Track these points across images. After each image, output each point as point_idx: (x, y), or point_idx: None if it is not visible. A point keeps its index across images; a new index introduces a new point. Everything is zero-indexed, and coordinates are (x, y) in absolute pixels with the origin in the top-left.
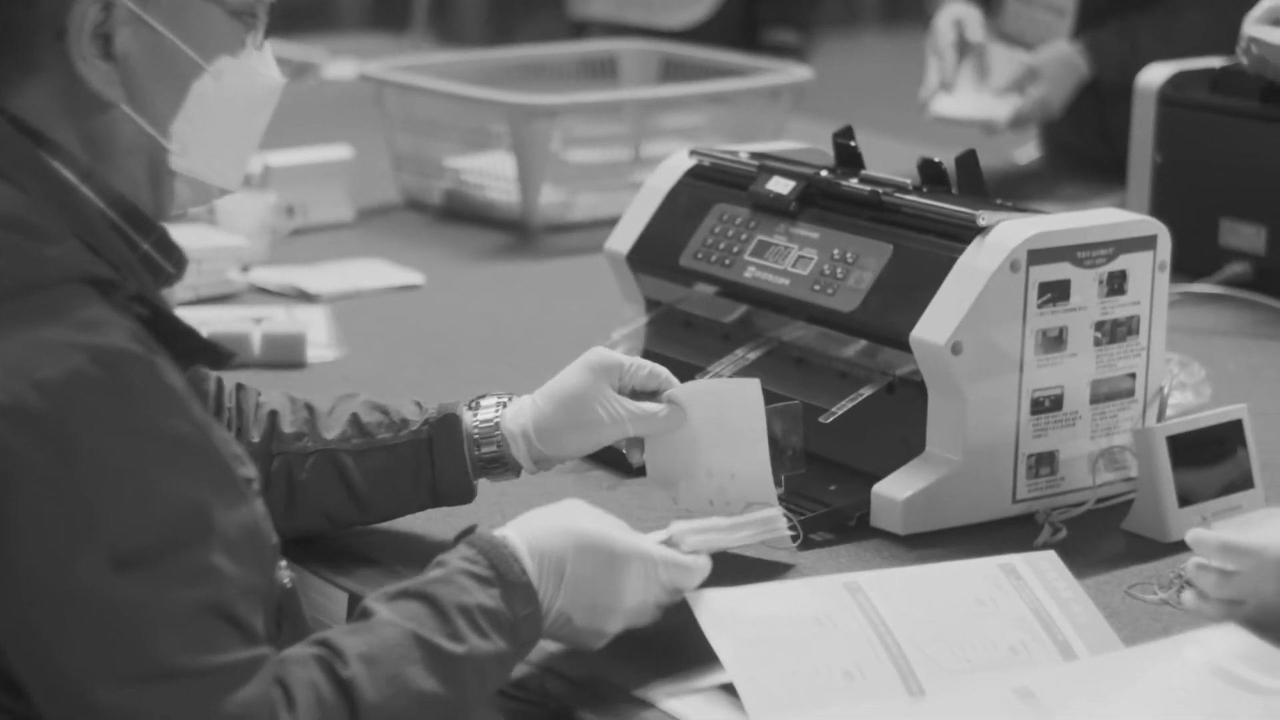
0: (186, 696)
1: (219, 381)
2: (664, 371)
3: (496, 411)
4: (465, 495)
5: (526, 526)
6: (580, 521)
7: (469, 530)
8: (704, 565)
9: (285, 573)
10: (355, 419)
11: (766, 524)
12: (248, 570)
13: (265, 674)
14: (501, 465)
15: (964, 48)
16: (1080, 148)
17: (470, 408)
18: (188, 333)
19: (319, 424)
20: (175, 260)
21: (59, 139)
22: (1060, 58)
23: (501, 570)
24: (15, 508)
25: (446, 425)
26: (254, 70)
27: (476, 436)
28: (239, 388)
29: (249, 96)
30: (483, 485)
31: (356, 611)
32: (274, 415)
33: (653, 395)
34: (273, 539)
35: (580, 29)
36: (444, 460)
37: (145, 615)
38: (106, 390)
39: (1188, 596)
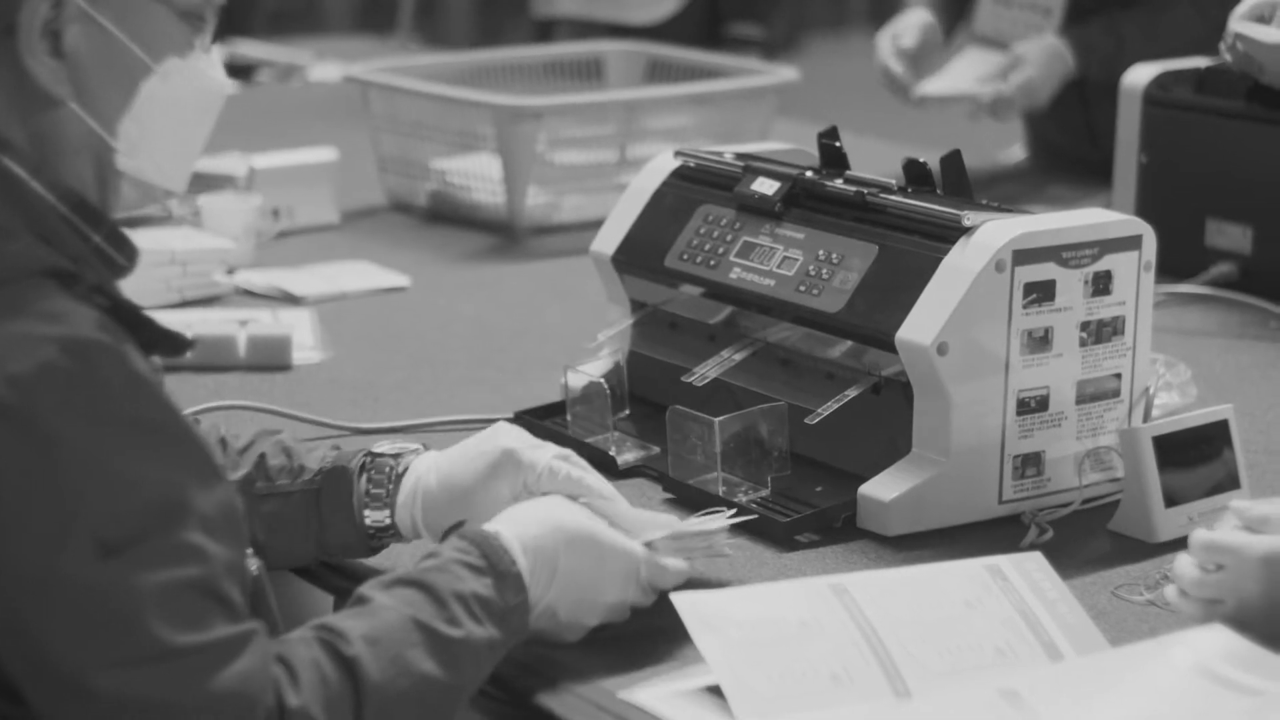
0: (180, 675)
1: None
2: (565, 470)
3: (391, 483)
4: (354, 550)
5: (515, 522)
6: (568, 518)
7: (458, 525)
8: (683, 568)
9: (252, 560)
10: (262, 461)
11: (720, 528)
12: (228, 548)
13: (257, 648)
14: (389, 532)
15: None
16: (1065, 148)
17: (364, 466)
18: (146, 322)
19: (229, 461)
20: (127, 253)
21: (7, 135)
22: (1047, 47)
23: (493, 560)
24: None
25: (335, 477)
26: (201, 73)
27: (367, 500)
28: None
29: (196, 99)
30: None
31: (352, 599)
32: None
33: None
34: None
35: (546, 28)
36: (331, 513)
37: (133, 598)
38: (78, 380)
39: (1170, 591)
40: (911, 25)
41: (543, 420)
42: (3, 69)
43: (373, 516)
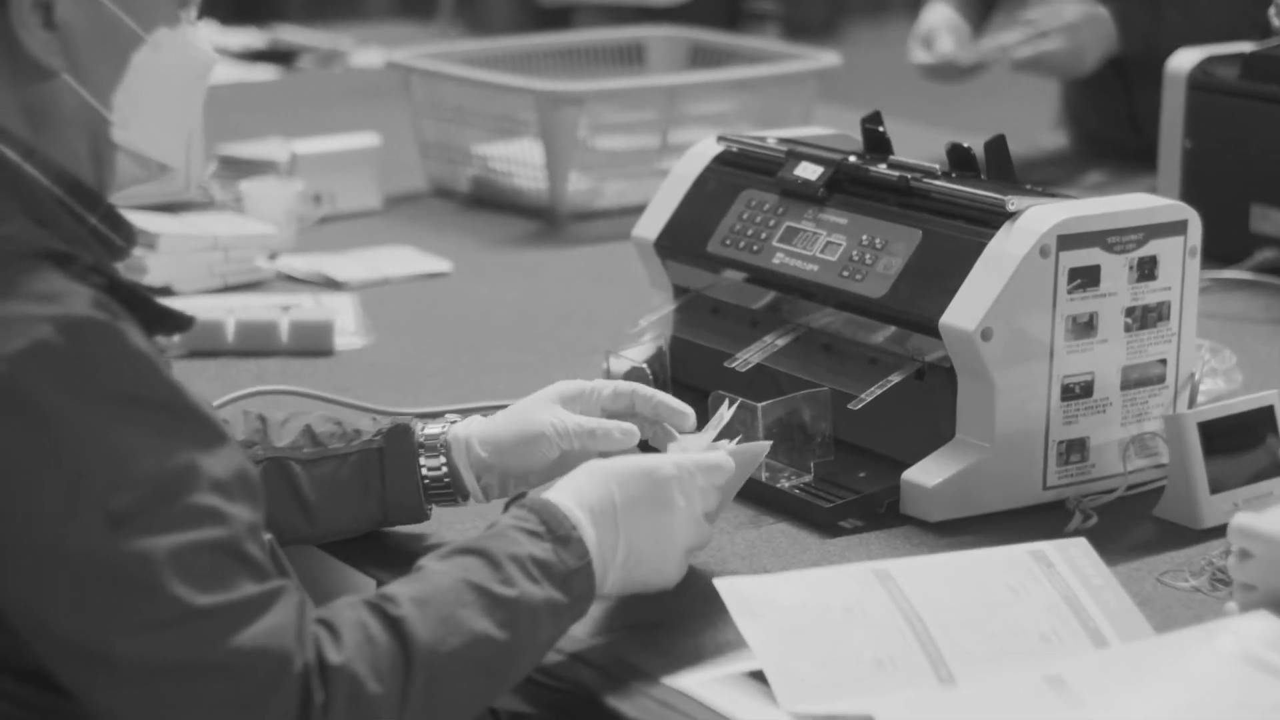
0: (204, 634)
1: None
2: (630, 387)
3: (446, 424)
4: (416, 511)
5: (566, 486)
6: (609, 463)
7: (519, 496)
8: (727, 459)
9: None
10: (308, 429)
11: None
12: (245, 509)
13: (286, 605)
14: (446, 485)
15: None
16: (1106, 134)
17: (422, 421)
18: (145, 300)
19: (270, 433)
20: (125, 234)
21: (0, 118)
22: (1094, 14)
23: (552, 526)
24: (3, 482)
25: (397, 436)
26: (190, 43)
27: (423, 443)
28: None
29: (186, 70)
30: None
31: (411, 571)
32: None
33: (629, 417)
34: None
35: (558, 14)
36: (394, 472)
37: (148, 564)
38: (73, 357)
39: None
40: (940, 28)
41: None
42: None
43: (428, 460)
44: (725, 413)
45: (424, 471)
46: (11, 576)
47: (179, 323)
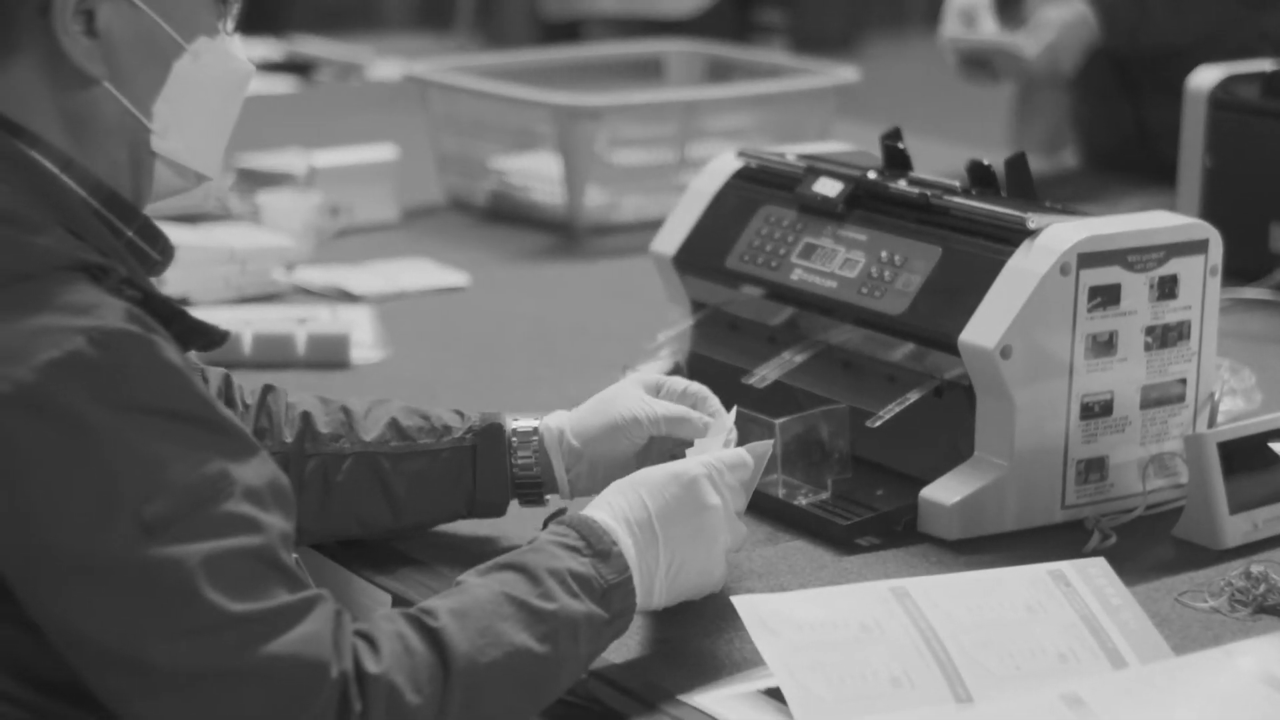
0: (239, 642)
1: (226, 378)
2: (700, 390)
3: (536, 420)
4: (499, 508)
5: (602, 504)
6: (636, 475)
7: (558, 513)
8: (747, 455)
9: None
10: (395, 423)
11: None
12: (279, 518)
13: (322, 614)
14: (536, 483)
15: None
16: (1119, 152)
17: (512, 416)
18: (179, 314)
19: (356, 426)
20: (161, 248)
21: (37, 128)
22: (1071, 12)
23: (591, 540)
24: (37, 492)
25: (490, 434)
26: (230, 54)
27: (515, 443)
28: (267, 389)
29: (225, 80)
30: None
31: (451, 587)
32: (307, 416)
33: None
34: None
35: (564, 29)
36: (486, 470)
37: (185, 570)
38: (106, 369)
39: None
40: (983, 6)
41: None
42: (35, 51)
43: (520, 457)
44: (729, 419)
45: (515, 461)
46: (45, 585)
47: (212, 337)
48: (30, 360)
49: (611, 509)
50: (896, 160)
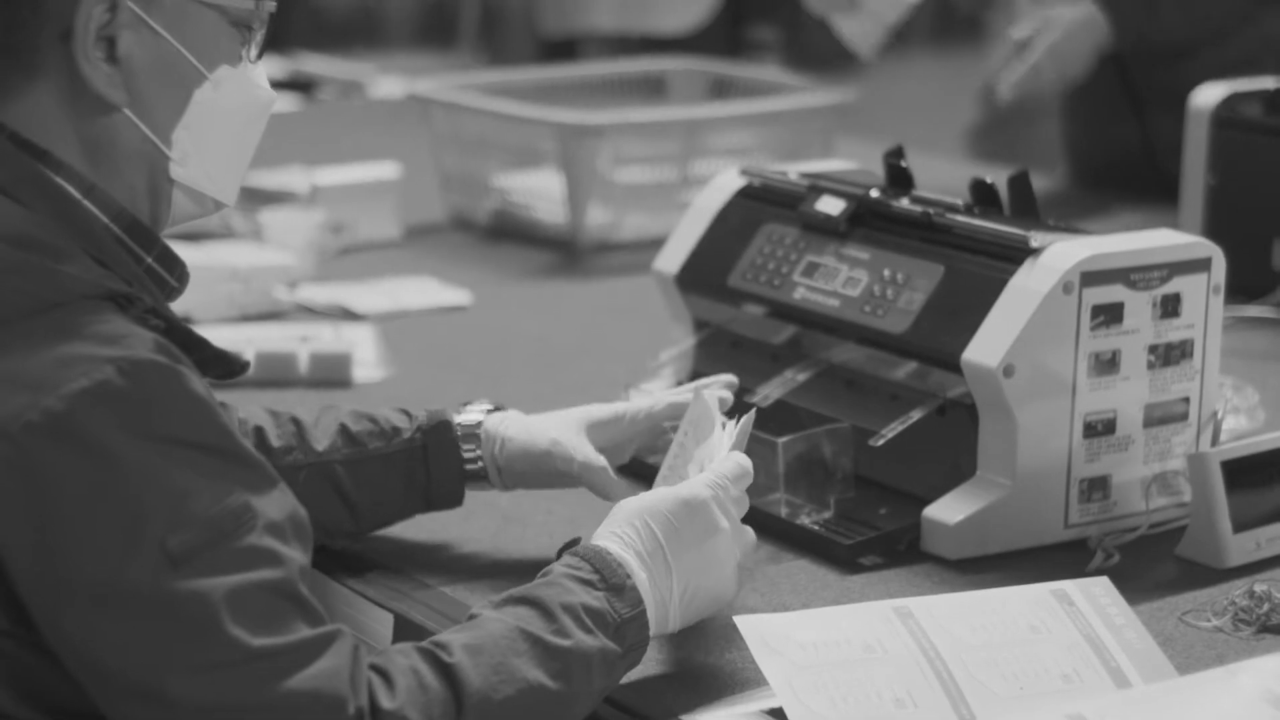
0: (260, 676)
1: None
2: (665, 412)
3: (481, 413)
4: (456, 498)
5: (609, 533)
6: (643, 502)
7: (572, 543)
8: (746, 459)
9: None
10: (344, 429)
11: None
12: (298, 551)
13: (341, 649)
14: (485, 474)
15: None
16: (1118, 167)
17: (457, 413)
18: (200, 343)
19: (307, 436)
20: (178, 274)
21: (59, 153)
22: (1079, 13)
23: (605, 574)
24: (63, 520)
25: (439, 431)
26: (251, 82)
27: (462, 433)
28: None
29: (246, 108)
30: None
31: (465, 619)
32: (260, 431)
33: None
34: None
35: (560, 47)
36: (438, 467)
37: (208, 604)
38: (135, 399)
39: None
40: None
41: None
42: (56, 77)
43: (469, 454)
44: (732, 425)
45: (465, 462)
46: (67, 615)
47: (232, 366)
48: (60, 389)
49: (623, 541)
50: (899, 178)
